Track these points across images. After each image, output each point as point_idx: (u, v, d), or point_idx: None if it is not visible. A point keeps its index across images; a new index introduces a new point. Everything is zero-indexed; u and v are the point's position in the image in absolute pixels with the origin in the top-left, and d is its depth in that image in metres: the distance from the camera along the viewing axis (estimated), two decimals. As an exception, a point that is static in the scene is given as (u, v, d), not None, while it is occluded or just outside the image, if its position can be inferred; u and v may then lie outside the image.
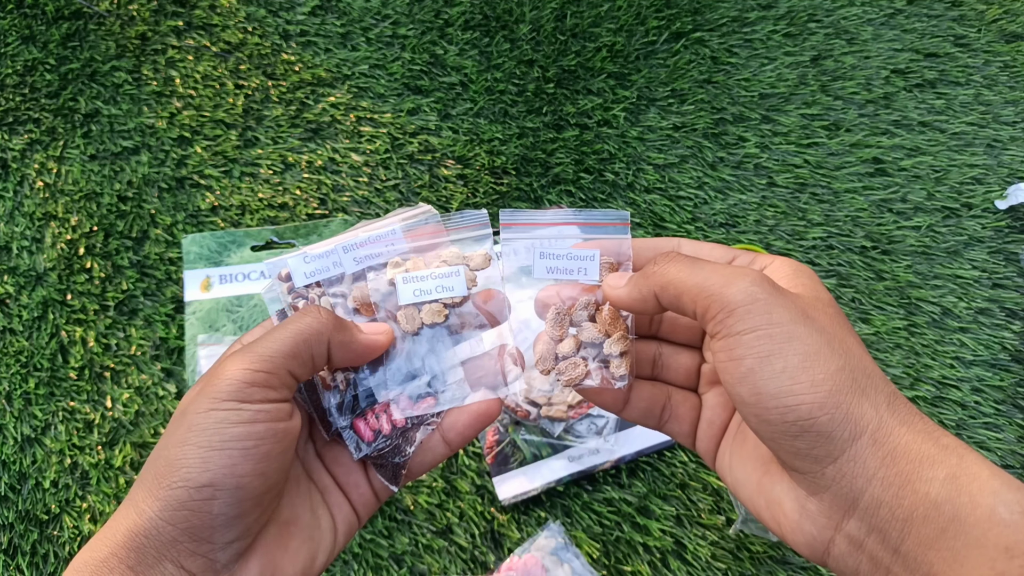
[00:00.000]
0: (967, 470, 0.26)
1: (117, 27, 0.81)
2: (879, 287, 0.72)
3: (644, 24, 0.84)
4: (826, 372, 0.27)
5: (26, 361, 0.66)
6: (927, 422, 0.28)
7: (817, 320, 0.29)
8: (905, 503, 0.26)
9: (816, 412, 0.27)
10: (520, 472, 0.62)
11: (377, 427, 0.34)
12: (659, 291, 0.32)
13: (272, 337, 0.31)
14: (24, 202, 0.73)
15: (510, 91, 0.80)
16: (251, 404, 0.29)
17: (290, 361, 0.31)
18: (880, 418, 0.27)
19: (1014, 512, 0.25)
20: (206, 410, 0.29)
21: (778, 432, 0.28)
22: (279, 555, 0.31)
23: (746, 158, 0.78)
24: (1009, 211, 0.77)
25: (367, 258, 0.36)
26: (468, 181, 0.76)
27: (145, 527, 0.28)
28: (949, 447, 0.27)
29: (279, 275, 0.35)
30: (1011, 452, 0.66)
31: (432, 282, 0.35)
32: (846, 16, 0.87)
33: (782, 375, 0.28)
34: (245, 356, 0.30)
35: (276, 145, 0.76)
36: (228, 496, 0.29)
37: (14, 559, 0.60)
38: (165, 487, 0.28)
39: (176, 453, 0.29)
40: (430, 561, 0.60)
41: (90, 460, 0.63)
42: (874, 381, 0.28)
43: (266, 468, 0.29)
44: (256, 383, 0.29)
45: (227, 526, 0.29)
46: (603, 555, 0.61)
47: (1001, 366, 0.69)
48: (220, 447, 0.28)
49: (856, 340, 0.30)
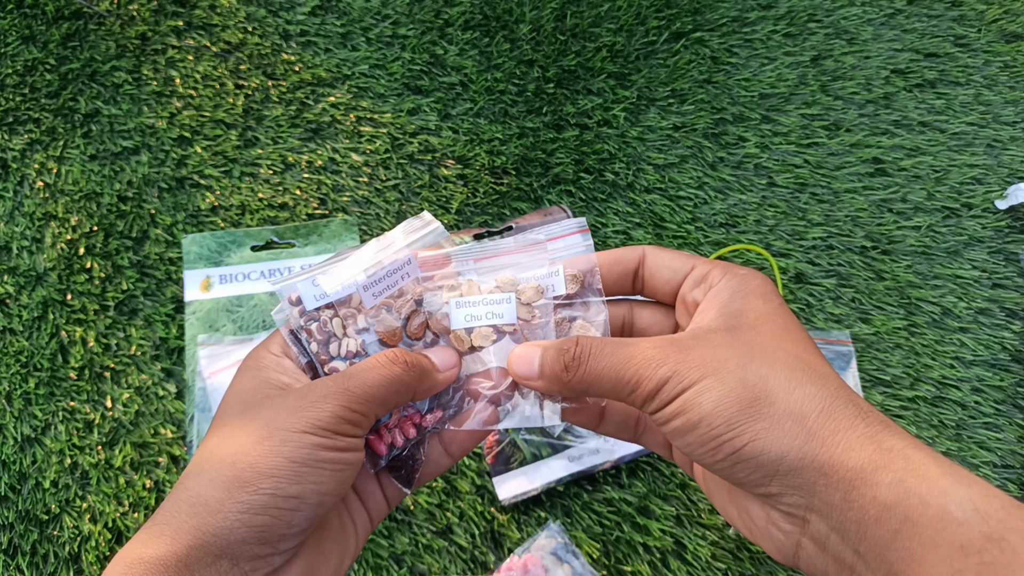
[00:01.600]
0: (914, 472, 0.26)
1: (117, 27, 0.81)
2: (879, 287, 0.72)
3: (644, 24, 0.84)
4: (738, 408, 0.29)
5: (26, 361, 0.66)
6: (870, 424, 0.28)
7: (730, 356, 0.30)
8: (854, 506, 0.27)
9: (737, 445, 0.29)
10: (520, 472, 0.62)
11: (391, 441, 0.36)
12: (582, 392, 0.33)
13: (366, 380, 0.32)
14: (24, 202, 0.73)
15: (510, 91, 0.80)
16: (343, 437, 0.31)
17: (380, 407, 0.33)
18: (808, 434, 0.28)
19: (966, 510, 0.25)
20: (301, 431, 0.30)
21: (719, 470, 0.30)
22: (317, 558, 0.33)
23: (746, 158, 0.78)
24: (1009, 211, 0.77)
25: (385, 291, 0.37)
26: (468, 181, 0.76)
27: (218, 525, 0.29)
28: (893, 450, 0.27)
29: (289, 299, 0.36)
30: (1011, 452, 0.66)
31: (483, 308, 0.37)
32: (846, 16, 0.87)
33: (701, 425, 0.29)
34: (343, 394, 0.32)
35: (276, 145, 0.76)
36: (310, 511, 0.30)
37: (14, 559, 0.60)
38: (251, 491, 0.29)
39: (266, 463, 0.30)
40: (430, 561, 0.60)
41: (90, 460, 0.63)
42: (802, 394, 0.29)
43: (341, 490, 0.32)
44: (351, 421, 0.31)
45: (296, 536, 0.31)
46: (603, 555, 0.61)
47: (1001, 366, 0.69)
48: (312, 466, 0.30)
49: (786, 354, 0.30)
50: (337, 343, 0.36)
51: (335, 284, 0.36)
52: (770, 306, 0.32)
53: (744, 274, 0.33)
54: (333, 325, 0.36)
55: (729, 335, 0.31)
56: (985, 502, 0.25)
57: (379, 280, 0.36)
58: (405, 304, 0.37)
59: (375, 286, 0.36)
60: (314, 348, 0.36)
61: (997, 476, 0.65)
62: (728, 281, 0.33)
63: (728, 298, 0.33)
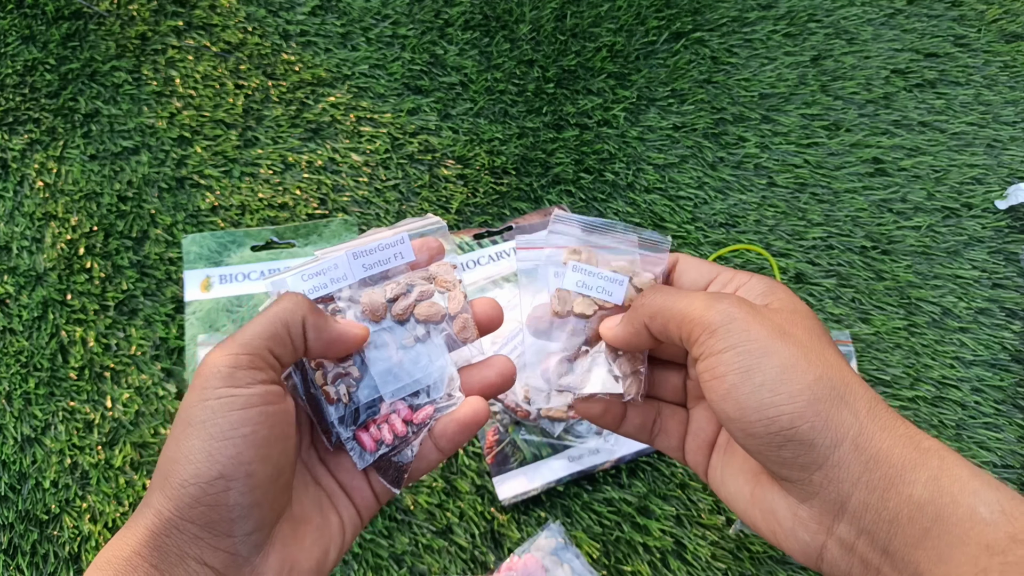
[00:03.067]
0: (948, 471, 0.27)
1: (117, 27, 0.81)
2: (879, 287, 0.72)
3: (644, 24, 0.84)
4: (804, 382, 0.29)
5: (26, 361, 0.66)
6: (908, 426, 0.29)
7: (794, 334, 0.30)
8: (890, 505, 0.27)
9: (797, 421, 0.28)
10: (520, 472, 0.62)
11: (379, 437, 0.35)
12: (648, 321, 0.34)
13: (251, 323, 0.32)
14: (24, 202, 0.73)
15: (510, 91, 0.80)
16: (241, 389, 0.30)
17: (270, 342, 0.31)
18: (860, 424, 0.28)
19: (993, 511, 0.26)
20: (199, 401, 0.30)
21: (763, 444, 0.29)
22: (295, 549, 0.32)
23: (746, 158, 0.78)
24: (1009, 211, 0.77)
25: (376, 265, 0.36)
26: (468, 181, 0.76)
27: (164, 527, 0.29)
28: (930, 450, 0.28)
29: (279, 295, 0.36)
30: (1011, 452, 0.66)
31: (599, 281, 0.37)
32: (846, 16, 0.87)
33: (762, 388, 0.29)
34: (227, 344, 0.31)
35: (276, 145, 0.76)
36: (240, 485, 0.29)
37: (14, 559, 0.60)
38: (176, 486, 0.29)
39: (181, 450, 0.29)
40: (430, 561, 0.60)
41: (90, 460, 0.63)
42: (853, 389, 0.29)
43: (268, 452, 0.30)
44: (240, 366, 0.30)
45: (244, 517, 0.30)
46: (603, 555, 0.61)
47: (1001, 366, 0.69)
48: (221, 437, 0.29)
49: (834, 350, 0.31)
50: None
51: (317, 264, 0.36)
52: (801, 307, 0.33)
53: (772, 280, 0.34)
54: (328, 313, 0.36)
55: (783, 314, 0.31)
56: (1012, 505, 0.26)
57: (370, 252, 0.36)
58: (397, 287, 0.37)
59: (366, 257, 0.36)
60: None
61: (997, 476, 0.65)
62: (760, 281, 0.34)
63: (764, 290, 0.33)
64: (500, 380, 0.37)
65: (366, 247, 0.36)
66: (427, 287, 0.37)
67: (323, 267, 0.36)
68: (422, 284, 0.37)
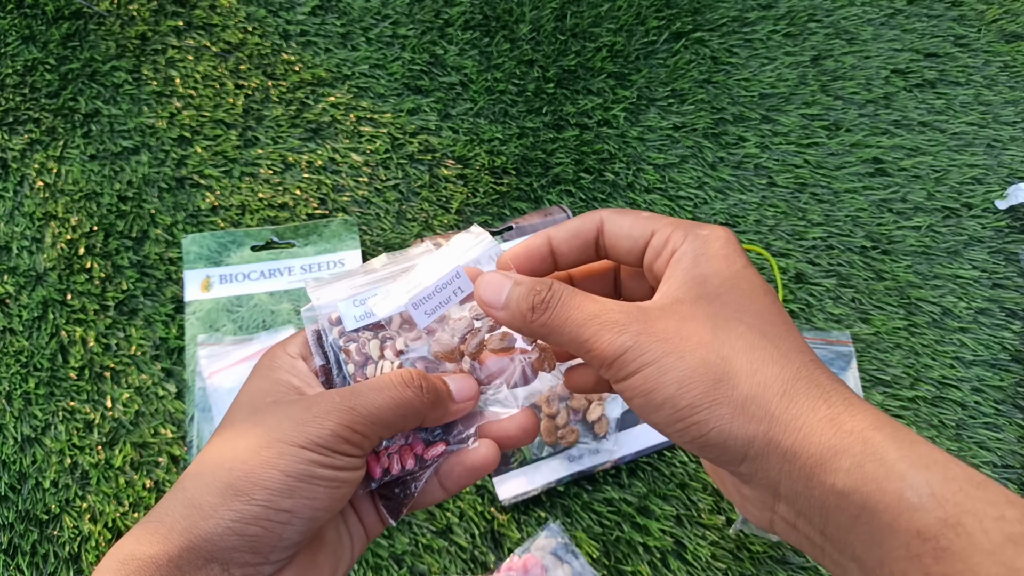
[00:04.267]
0: (872, 455, 0.26)
1: (117, 27, 0.81)
2: (879, 287, 0.72)
3: (644, 24, 0.84)
4: (702, 390, 0.28)
5: (26, 361, 0.66)
6: (832, 404, 0.28)
7: (693, 331, 0.29)
8: (815, 493, 0.27)
9: (703, 429, 0.28)
10: (520, 472, 0.62)
11: (387, 466, 0.35)
12: (542, 337, 0.32)
13: (373, 400, 0.32)
14: (24, 202, 0.73)
15: (510, 91, 0.80)
16: (342, 456, 0.31)
17: (384, 430, 0.32)
18: (772, 418, 0.28)
19: (922, 495, 0.25)
20: (299, 446, 0.30)
21: (690, 449, 0.30)
22: (309, 569, 0.33)
23: (746, 158, 0.78)
24: (1009, 211, 0.77)
25: (438, 307, 0.35)
26: (468, 181, 0.76)
27: (210, 531, 0.29)
28: (853, 432, 0.27)
29: (329, 319, 0.35)
30: (1011, 452, 0.66)
31: (437, 296, 0.36)
32: (846, 16, 0.87)
33: (666, 406, 0.29)
34: (346, 412, 0.31)
35: (276, 145, 0.76)
36: (302, 525, 0.30)
37: (14, 559, 0.60)
38: (244, 501, 0.29)
39: (262, 473, 0.29)
40: (430, 561, 0.60)
41: (90, 460, 0.63)
42: (764, 375, 0.28)
43: (336, 506, 0.31)
44: (351, 441, 0.31)
45: (287, 548, 0.30)
46: (603, 555, 0.61)
47: (1001, 366, 0.69)
48: (307, 482, 0.30)
49: (749, 328, 0.30)
50: (374, 366, 0.35)
51: (385, 308, 0.35)
52: (733, 269, 0.31)
53: (706, 235, 0.32)
54: (370, 347, 0.35)
55: (693, 305, 0.30)
56: (942, 486, 0.25)
57: (429, 297, 0.35)
58: (460, 322, 0.36)
59: (425, 303, 0.35)
60: (351, 370, 0.35)
61: (997, 476, 0.65)
62: (690, 244, 0.32)
63: (691, 263, 0.32)
64: (520, 434, 0.36)
65: (425, 292, 0.35)
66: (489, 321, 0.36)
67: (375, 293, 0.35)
68: (484, 317, 0.36)
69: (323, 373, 0.35)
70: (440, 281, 0.35)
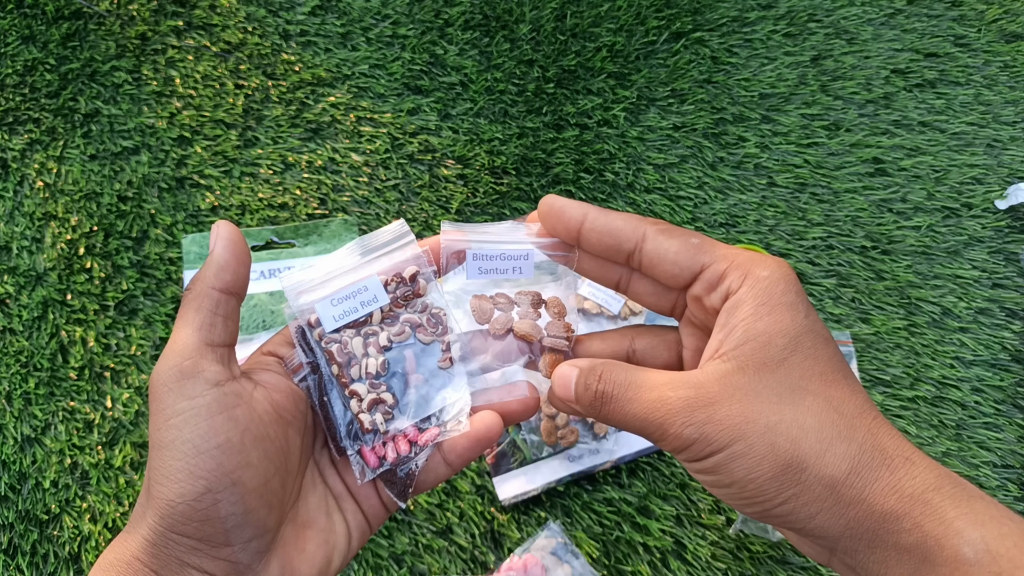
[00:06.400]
0: (932, 515, 0.28)
1: (117, 27, 0.81)
2: (879, 287, 0.72)
3: (644, 24, 0.84)
4: (770, 476, 0.29)
5: (26, 361, 0.66)
6: (894, 471, 0.29)
7: (759, 412, 0.29)
8: (876, 552, 0.29)
9: (767, 508, 0.30)
10: (520, 472, 0.62)
11: (383, 454, 0.35)
12: (599, 409, 0.33)
13: (181, 324, 0.31)
14: (24, 202, 0.73)
15: (510, 91, 0.80)
16: (196, 399, 0.30)
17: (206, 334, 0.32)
18: (836, 498, 0.29)
19: (978, 551, 0.27)
20: (162, 422, 0.30)
21: (755, 516, 0.31)
22: (296, 556, 0.32)
23: (746, 158, 0.78)
24: (1009, 211, 0.77)
25: (493, 271, 0.36)
26: (468, 181, 0.76)
27: (158, 541, 0.29)
28: (913, 496, 0.28)
29: (308, 322, 0.34)
30: (1011, 452, 0.66)
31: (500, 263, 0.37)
32: (846, 16, 0.87)
33: (733, 487, 0.30)
34: (166, 355, 0.31)
35: (276, 145, 0.76)
36: (229, 495, 0.29)
37: (14, 559, 0.60)
38: (165, 506, 0.29)
39: (162, 470, 0.29)
40: (430, 561, 0.60)
41: (90, 460, 0.63)
42: (832, 456, 0.29)
43: (249, 457, 0.30)
44: (186, 374, 0.30)
45: (241, 525, 0.29)
46: (603, 555, 0.61)
47: (1001, 366, 0.69)
48: (195, 453, 0.29)
49: (816, 399, 0.30)
50: (357, 364, 0.34)
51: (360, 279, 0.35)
52: (797, 322, 0.30)
53: (766, 277, 0.31)
54: (353, 346, 0.35)
55: (756, 378, 0.30)
56: (997, 542, 0.27)
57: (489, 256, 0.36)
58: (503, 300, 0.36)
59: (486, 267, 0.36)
60: (335, 371, 0.34)
61: (997, 476, 0.65)
62: (749, 290, 0.31)
63: (752, 315, 0.30)
64: (520, 408, 0.36)
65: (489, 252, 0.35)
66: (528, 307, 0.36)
67: (353, 290, 0.35)
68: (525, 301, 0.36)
69: (311, 370, 0.34)
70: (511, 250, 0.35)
